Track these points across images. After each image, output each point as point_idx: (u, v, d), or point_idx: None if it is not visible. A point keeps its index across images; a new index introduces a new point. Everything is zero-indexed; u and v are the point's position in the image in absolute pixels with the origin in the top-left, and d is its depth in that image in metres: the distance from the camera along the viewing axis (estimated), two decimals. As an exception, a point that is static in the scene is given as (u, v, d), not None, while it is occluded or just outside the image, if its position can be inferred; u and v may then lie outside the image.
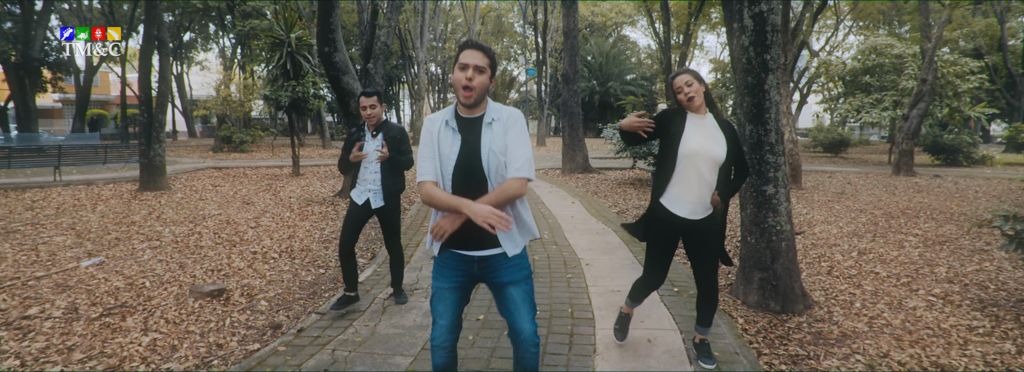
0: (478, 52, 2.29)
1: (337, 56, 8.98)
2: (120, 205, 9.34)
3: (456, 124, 2.37)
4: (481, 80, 2.28)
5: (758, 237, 4.49)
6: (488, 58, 2.31)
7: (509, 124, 2.36)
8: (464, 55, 2.30)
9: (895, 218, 8.80)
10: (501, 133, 2.34)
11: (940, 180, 14.84)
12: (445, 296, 2.45)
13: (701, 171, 3.07)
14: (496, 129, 2.35)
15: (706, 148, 3.06)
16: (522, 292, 2.44)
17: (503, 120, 2.37)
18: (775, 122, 4.31)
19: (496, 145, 2.32)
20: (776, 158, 4.36)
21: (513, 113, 2.40)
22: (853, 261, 6.03)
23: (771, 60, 4.19)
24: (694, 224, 3.15)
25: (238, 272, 5.40)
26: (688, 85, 3.09)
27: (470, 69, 2.27)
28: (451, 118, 2.38)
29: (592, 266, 5.58)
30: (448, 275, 2.44)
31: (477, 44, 2.30)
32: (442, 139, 2.36)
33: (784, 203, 4.44)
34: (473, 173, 2.31)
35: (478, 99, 2.31)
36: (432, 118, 2.44)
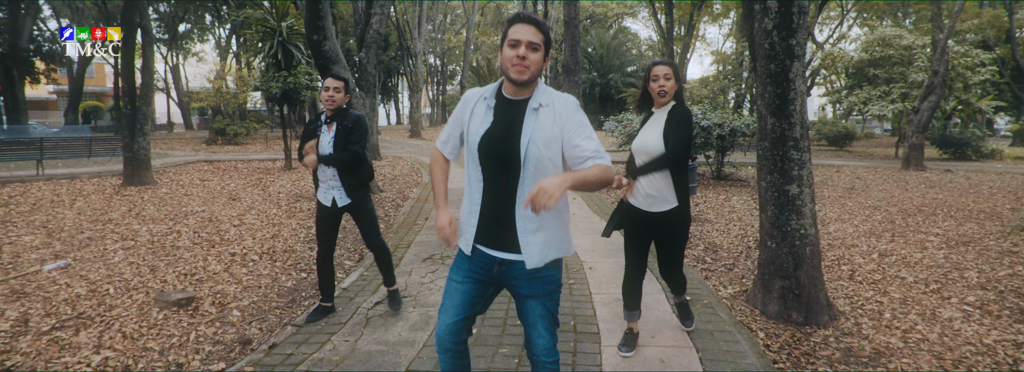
0: (531, 27, 1.99)
1: (326, 45, 8.54)
2: (100, 201, 8.92)
3: (495, 102, 2.10)
4: (536, 57, 1.98)
5: (779, 242, 4.08)
6: (543, 34, 2.01)
7: (565, 114, 2.04)
8: (515, 30, 1.98)
9: (912, 216, 8.40)
10: (549, 122, 2.03)
11: (951, 175, 14.43)
12: (455, 291, 2.18)
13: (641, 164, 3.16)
14: (544, 117, 2.03)
15: (645, 142, 3.18)
16: (543, 308, 2.17)
17: (554, 107, 2.05)
18: (800, 115, 3.89)
19: (540, 135, 2.01)
20: (801, 155, 3.94)
21: (567, 100, 2.08)
22: (875, 264, 5.62)
23: (797, 46, 3.76)
24: (657, 217, 3.22)
25: (213, 277, 4.99)
26: (666, 78, 3.16)
27: (523, 46, 1.96)
28: (491, 95, 2.11)
29: (596, 270, 5.18)
30: (465, 268, 2.18)
31: (530, 17, 2.00)
32: (474, 113, 2.12)
33: (809, 204, 4.03)
34: (506, 157, 2.03)
35: (532, 78, 2.01)
36: (470, 92, 2.18)
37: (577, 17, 14.49)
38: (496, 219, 2.08)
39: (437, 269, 5.19)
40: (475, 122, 2.10)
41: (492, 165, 2.06)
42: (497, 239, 2.10)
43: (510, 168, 2.03)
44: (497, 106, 2.10)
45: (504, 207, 2.07)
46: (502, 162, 2.04)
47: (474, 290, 2.18)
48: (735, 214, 8.38)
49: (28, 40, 21.83)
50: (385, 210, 8.53)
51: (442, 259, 5.56)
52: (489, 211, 2.09)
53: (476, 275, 2.16)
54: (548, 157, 2.03)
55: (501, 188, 2.06)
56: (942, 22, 14.77)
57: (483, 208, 2.10)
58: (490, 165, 2.06)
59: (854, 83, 21.69)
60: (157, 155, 17.38)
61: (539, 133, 2.02)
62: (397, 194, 10.01)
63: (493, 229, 2.10)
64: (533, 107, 2.05)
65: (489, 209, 2.09)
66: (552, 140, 2.02)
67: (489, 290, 2.22)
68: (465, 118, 2.15)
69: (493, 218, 2.09)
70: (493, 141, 2.04)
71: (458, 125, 2.20)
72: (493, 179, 2.07)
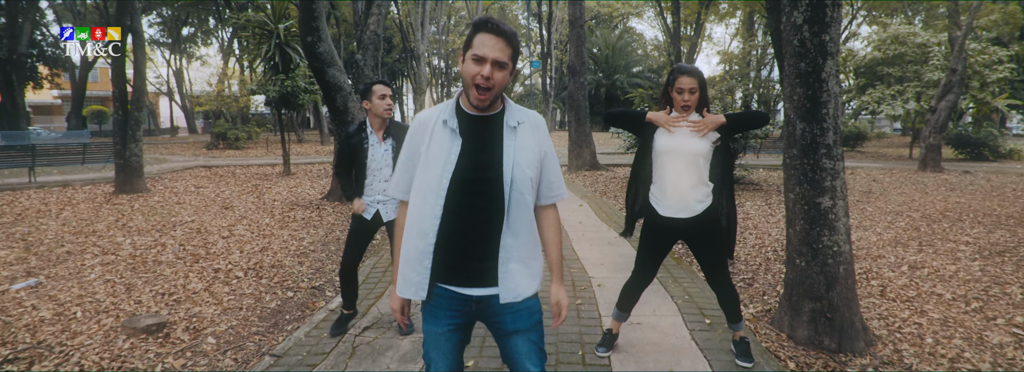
0: (499, 40, 1.74)
1: (321, 46, 8.18)
2: (89, 210, 8.59)
3: (457, 123, 1.83)
4: (501, 77, 1.77)
5: (810, 260, 3.67)
6: (511, 48, 1.77)
7: (542, 135, 1.92)
8: (480, 42, 1.74)
9: (937, 222, 7.96)
10: (530, 141, 1.87)
11: (971, 176, 13.95)
12: (439, 342, 1.92)
13: (679, 167, 2.96)
14: (523, 135, 1.86)
15: (679, 143, 2.96)
16: (529, 343, 1.94)
17: (530, 126, 1.90)
18: (833, 119, 3.49)
19: (524, 157, 1.84)
20: (834, 163, 3.54)
21: (538, 118, 1.94)
22: (907, 278, 5.20)
23: (830, 42, 3.36)
24: (688, 223, 3.01)
25: (191, 297, 4.63)
26: (691, 92, 2.95)
27: (488, 64, 1.74)
28: (451, 116, 1.85)
29: (606, 288, 4.78)
30: (441, 317, 1.90)
31: (498, 27, 1.73)
32: (433, 142, 1.83)
33: (842, 218, 3.62)
34: (483, 188, 1.80)
35: (493, 99, 1.80)
36: (423, 116, 1.91)
37: (582, 16, 14.11)
38: (469, 254, 1.83)
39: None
40: (438, 149, 1.82)
41: (467, 194, 1.80)
42: (471, 275, 1.85)
43: (490, 199, 1.80)
44: (462, 127, 1.84)
45: (481, 239, 1.82)
46: (481, 190, 1.80)
47: (456, 336, 1.94)
48: (750, 221, 7.97)
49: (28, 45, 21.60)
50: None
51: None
52: (458, 246, 1.82)
53: (455, 320, 1.91)
54: (530, 179, 1.85)
55: (475, 219, 1.81)
56: (959, 19, 14.30)
57: (446, 245, 1.82)
58: (464, 195, 1.80)
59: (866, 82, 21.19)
60: (155, 160, 17.10)
61: (523, 154, 1.84)
62: (396, 201, 9.65)
63: (464, 265, 1.84)
64: (511, 125, 1.85)
65: (457, 244, 1.82)
66: (533, 161, 1.86)
67: (470, 329, 2.01)
68: (422, 147, 1.86)
69: (465, 253, 1.83)
70: (470, 168, 1.80)
71: (416, 160, 1.89)
72: (465, 210, 1.80)
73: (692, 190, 2.98)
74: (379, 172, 3.63)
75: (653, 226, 3.12)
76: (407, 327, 2.02)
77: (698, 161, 2.97)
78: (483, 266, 1.83)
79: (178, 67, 39.51)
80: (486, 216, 1.81)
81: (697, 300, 4.44)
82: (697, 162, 2.97)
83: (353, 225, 3.76)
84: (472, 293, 1.85)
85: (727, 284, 3.23)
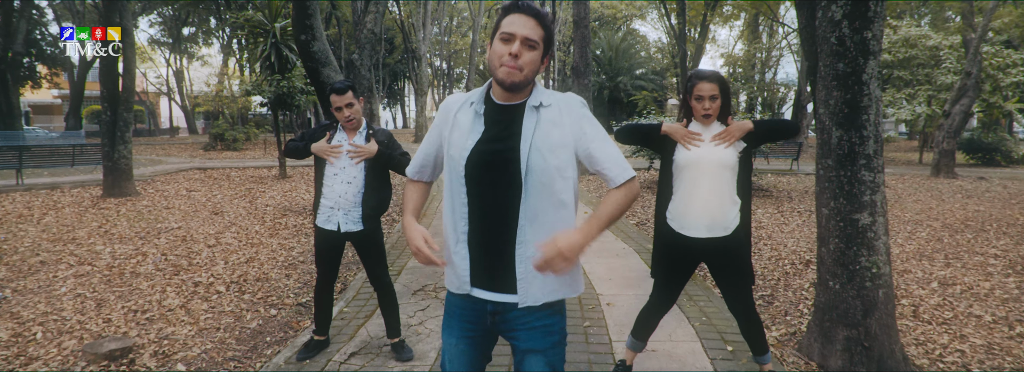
0: (530, 19, 1.60)
1: (316, 45, 7.81)
2: (73, 215, 8.24)
3: (483, 107, 1.71)
4: (532, 57, 1.61)
5: (845, 282, 3.30)
6: (543, 29, 1.62)
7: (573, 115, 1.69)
8: (509, 22, 1.60)
9: (959, 232, 7.58)
10: (553, 123, 1.66)
11: (986, 183, 13.56)
12: (454, 354, 1.79)
13: (705, 181, 2.67)
14: (546, 117, 1.66)
15: (705, 154, 2.67)
16: (545, 364, 1.73)
17: (557, 106, 1.69)
18: (874, 126, 3.12)
19: (543, 139, 1.64)
20: (874, 176, 3.17)
21: (572, 98, 1.73)
22: (939, 296, 4.83)
23: (873, 39, 3.00)
24: (711, 244, 2.71)
25: (165, 315, 4.26)
26: (712, 99, 2.67)
27: (516, 42, 1.58)
28: (479, 100, 1.72)
29: (615, 307, 4.41)
30: (455, 326, 1.79)
31: (530, 7, 1.60)
32: (458, 122, 1.72)
33: (883, 237, 3.25)
34: (500, 172, 1.64)
35: (524, 82, 1.63)
36: (450, 99, 1.80)
37: (587, 17, 13.77)
38: (488, 251, 1.67)
39: (430, 305, 4.44)
40: (460, 132, 1.70)
41: (484, 183, 1.65)
42: (490, 277, 1.69)
43: (507, 185, 1.64)
44: (487, 112, 1.70)
45: (498, 236, 1.66)
46: (497, 178, 1.64)
47: (473, 350, 1.80)
48: (764, 231, 7.60)
49: (24, 44, 21.29)
50: (379, 226, 7.80)
51: (436, 291, 4.82)
52: (479, 242, 1.68)
53: (471, 332, 1.77)
54: (555, 167, 1.64)
55: (495, 212, 1.65)
56: (974, 21, 13.93)
57: (471, 238, 1.68)
58: (481, 183, 1.65)
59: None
60: (150, 162, 16.77)
61: (542, 137, 1.64)
62: (394, 207, 9.28)
63: (484, 264, 1.69)
64: (532, 105, 1.67)
65: (479, 239, 1.68)
66: (559, 146, 1.65)
67: (489, 343, 1.84)
68: (445, 131, 1.74)
69: (484, 250, 1.68)
70: (486, 152, 1.65)
71: (435, 144, 1.82)
72: (484, 201, 1.66)
73: (720, 207, 2.69)
74: (343, 172, 3.22)
75: (673, 248, 2.81)
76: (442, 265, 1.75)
77: (724, 174, 2.68)
78: (499, 269, 1.67)
79: (179, 67, 39.24)
80: (504, 208, 1.64)
81: (716, 323, 4.07)
82: (723, 175, 2.68)
83: (317, 241, 3.38)
84: (489, 298, 1.71)
85: (751, 311, 2.93)
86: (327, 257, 3.39)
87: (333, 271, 3.46)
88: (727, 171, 2.68)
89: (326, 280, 3.44)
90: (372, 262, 3.41)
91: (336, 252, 3.39)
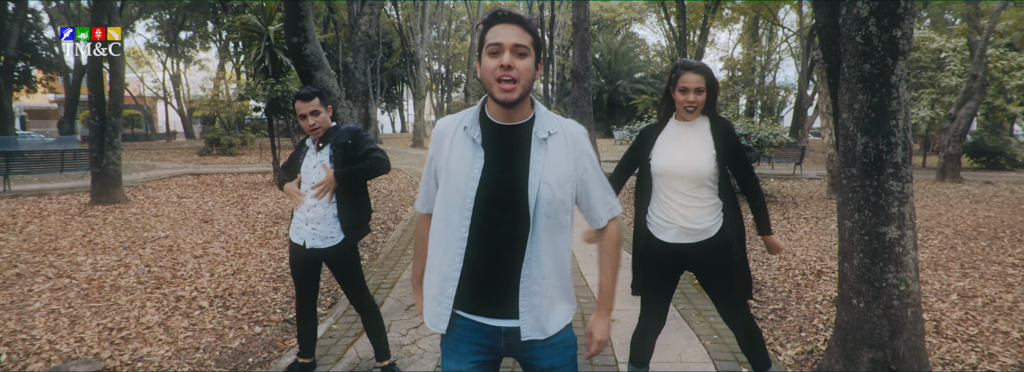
0: (515, 26, 1.52)
1: (308, 48, 7.58)
2: (58, 224, 7.99)
3: (479, 132, 1.61)
4: (526, 65, 1.52)
5: (870, 300, 3.05)
6: (530, 35, 1.53)
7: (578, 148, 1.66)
8: (493, 33, 1.52)
9: (973, 240, 7.34)
10: (561, 156, 1.62)
11: (993, 187, 13.34)
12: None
13: (679, 191, 2.55)
14: (555, 149, 1.61)
15: (680, 163, 2.54)
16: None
17: (564, 136, 1.64)
18: (903, 132, 2.88)
19: (552, 173, 1.59)
20: (903, 186, 2.93)
21: (577, 129, 1.69)
22: (960, 310, 4.58)
23: (903, 38, 2.76)
24: (693, 250, 2.58)
25: (143, 333, 4.01)
26: (697, 92, 2.52)
27: (506, 52, 1.50)
28: (473, 123, 1.62)
29: (621, 323, 4.16)
30: (465, 352, 1.67)
31: (511, 15, 1.53)
32: (453, 153, 1.62)
33: (911, 252, 3.01)
34: (508, 203, 1.57)
35: (524, 94, 1.55)
36: (442, 124, 1.71)
37: (587, 19, 13.56)
38: (493, 281, 1.60)
39: (424, 323, 4.19)
40: (458, 161, 1.60)
41: (490, 216, 1.57)
42: (496, 304, 1.61)
43: (513, 217, 1.57)
44: (486, 137, 1.60)
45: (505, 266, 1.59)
46: (502, 210, 1.57)
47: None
48: (771, 238, 7.34)
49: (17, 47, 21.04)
50: (373, 235, 7.55)
51: (430, 306, 4.56)
52: (482, 272, 1.59)
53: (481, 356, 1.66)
54: (561, 200, 1.60)
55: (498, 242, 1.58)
56: (979, 23, 13.73)
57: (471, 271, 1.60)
58: (487, 216, 1.57)
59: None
60: (143, 167, 16.52)
61: (552, 171, 1.59)
62: (389, 214, 9.03)
63: (489, 293, 1.61)
64: (541, 137, 1.59)
65: (482, 269, 1.59)
66: (566, 179, 1.61)
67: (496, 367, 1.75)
68: (441, 159, 1.65)
69: (488, 280, 1.60)
70: (491, 183, 1.57)
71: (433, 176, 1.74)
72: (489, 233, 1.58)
73: (697, 210, 2.58)
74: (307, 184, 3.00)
75: (652, 254, 2.70)
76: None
77: (701, 180, 2.58)
78: (508, 297, 1.60)
79: (176, 71, 38.99)
80: (509, 240, 1.58)
81: (728, 340, 3.82)
82: (700, 181, 2.58)
83: (291, 257, 3.14)
84: (499, 325, 1.63)
85: (748, 323, 2.76)
86: (300, 274, 3.14)
87: (310, 290, 3.20)
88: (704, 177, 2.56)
89: (303, 299, 3.19)
90: (346, 282, 3.15)
91: (309, 269, 3.14)
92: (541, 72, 1.61)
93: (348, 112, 8.25)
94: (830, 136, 11.42)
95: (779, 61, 40.32)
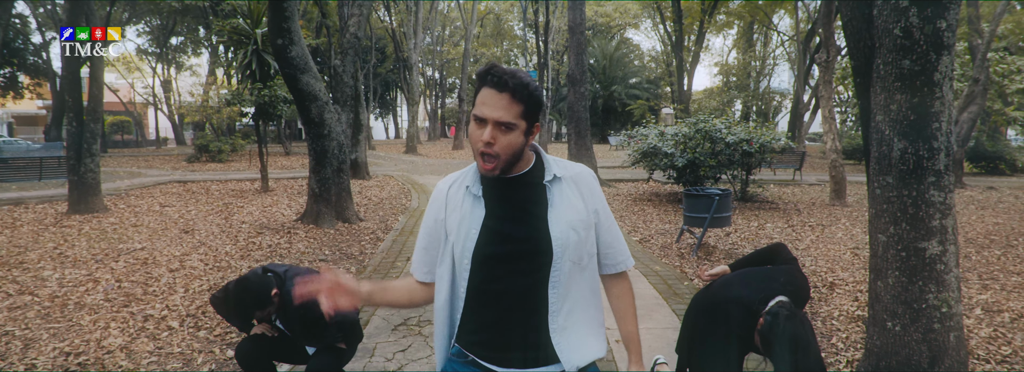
0: (503, 96, 1.37)
1: (293, 50, 7.26)
2: (30, 234, 7.60)
3: (480, 189, 1.50)
4: (509, 140, 1.40)
5: (908, 323, 2.74)
6: (520, 104, 1.38)
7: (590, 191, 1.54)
8: (481, 101, 1.39)
9: (986, 248, 7.06)
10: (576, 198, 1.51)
11: (997, 193, 13.11)
12: None
13: None
14: (568, 191, 1.51)
15: None
16: None
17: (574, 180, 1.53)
18: (945, 136, 2.58)
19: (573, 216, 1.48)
20: (945, 196, 2.62)
21: (583, 171, 1.57)
22: (988, 326, 4.27)
23: (948, 30, 2.46)
24: None
25: (102, 359, 3.65)
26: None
27: (488, 128, 1.38)
28: (473, 181, 1.53)
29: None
30: None
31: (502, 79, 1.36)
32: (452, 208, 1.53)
33: (954, 269, 2.70)
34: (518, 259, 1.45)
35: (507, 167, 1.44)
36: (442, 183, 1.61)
37: (583, 23, 13.28)
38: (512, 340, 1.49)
39: (412, 345, 3.84)
40: (459, 219, 1.52)
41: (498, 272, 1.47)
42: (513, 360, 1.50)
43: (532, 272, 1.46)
44: (487, 191, 1.52)
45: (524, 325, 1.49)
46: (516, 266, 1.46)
47: None
48: (778, 248, 7.03)
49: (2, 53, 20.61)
50: (362, 245, 7.19)
51: (420, 326, 4.22)
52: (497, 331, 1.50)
53: None
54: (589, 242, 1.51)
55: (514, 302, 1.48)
56: (980, 27, 13.54)
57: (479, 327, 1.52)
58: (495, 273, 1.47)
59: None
60: (129, 174, 16.10)
61: (572, 214, 1.48)
62: (379, 224, 8.68)
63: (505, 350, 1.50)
64: (548, 180, 1.51)
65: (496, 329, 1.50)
66: (586, 223, 1.51)
67: None
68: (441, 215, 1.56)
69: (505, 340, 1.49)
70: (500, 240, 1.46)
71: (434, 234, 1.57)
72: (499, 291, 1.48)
73: None
74: None
75: None
76: None
77: None
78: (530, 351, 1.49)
79: (166, 77, 38.51)
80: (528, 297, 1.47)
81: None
82: None
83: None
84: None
85: None
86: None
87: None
88: None
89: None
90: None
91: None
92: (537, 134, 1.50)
93: (336, 117, 7.92)
94: (833, 141, 11.16)
95: (774, 66, 40.23)
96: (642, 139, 11.22)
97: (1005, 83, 15.66)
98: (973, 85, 13.09)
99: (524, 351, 1.50)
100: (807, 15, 25.63)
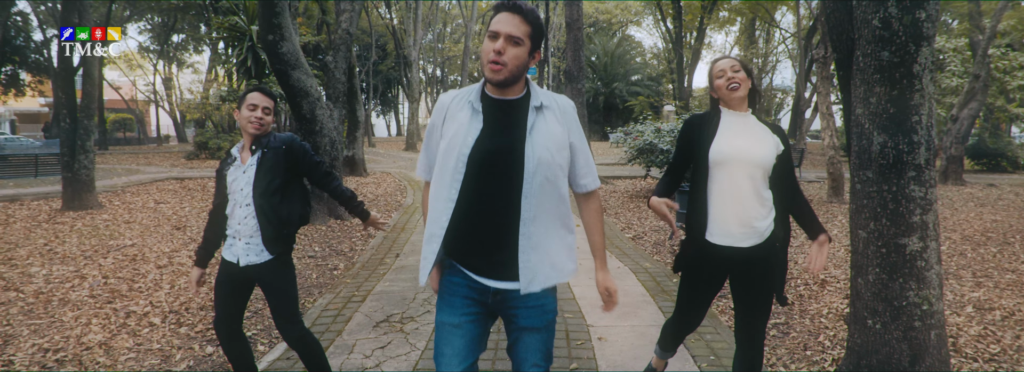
0: (515, 16, 1.68)
1: (284, 46, 7.22)
2: (22, 231, 7.59)
3: (481, 105, 1.76)
4: (516, 53, 1.68)
5: (888, 321, 2.69)
6: (528, 25, 1.69)
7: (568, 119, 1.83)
8: (496, 21, 1.69)
9: (982, 245, 6.99)
10: (556, 125, 1.79)
11: (997, 190, 13.02)
12: (452, 336, 1.80)
13: (741, 182, 2.28)
14: (549, 118, 1.79)
15: (744, 150, 2.29)
16: (540, 341, 1.87)
17: (557, 109, 1.82)
18: (926, 130, 2.52)
19: (550, 139, 1.75)
20: (925, 191, 2.57)
21: (566, 102, 1.86)
22: (978, 324, 4.22)
23: (927, 21, 2.41)
24: (742, 254, 2.33)
25: (80, 356, 3.63)
26: (734, 70, 2.34)
27: (500, 39, 1.67)
28: (475, 97, 1.78)
29: (608, 343, 3.78)
30: (457, 305, 1.82)
31: (514, 6, 1.68)
32: (452, 119, 1.78)
33: (935, 266, 2.65)
34: (506, 167, 1.72)
35: (510, 78, 1.71)
36: (445, 96, 1.85)
37: (580, 19, 13.21)
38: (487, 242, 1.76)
39: (392, 341, 3.81)
40: (457, 128, 1.75)
41: (484, 178, 1.73)
42: (490, 265, 1.77)
43: (509, 181, 1.72)
44: (485, 107, 1.77)
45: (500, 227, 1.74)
46: (499, 174, 1.72)
47: (475, 329, 1.83)
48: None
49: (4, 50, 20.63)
50: (352, 242, 7.17)
51: (403, 322, 4.19)
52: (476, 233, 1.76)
53: (473, 308, 1.82)
54: (558, 165, 1.78)
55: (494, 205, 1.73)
56: (982, 23, 13.44)
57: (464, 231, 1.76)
58: (481, 178, 1.72)
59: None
60: (127, 171, 16.11)
61: (548, 137, 1.75)
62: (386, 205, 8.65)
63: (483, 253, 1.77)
64: (535, 106, 1.78)
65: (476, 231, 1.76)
66: (561, 145, 1.78)
67: (489, 324, 1.90)
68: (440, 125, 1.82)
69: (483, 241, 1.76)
70: (489, 150, 1.72)
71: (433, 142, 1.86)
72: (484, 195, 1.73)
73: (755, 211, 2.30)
74: (238, 194, 2.61)
75: (701, 258, 2.41)
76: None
77: (758, 174, 2.29)
78: (502, 256, 1.75)
79: (168, 75, 38.56)
80: (505, 202, 1.73)
81: (726, 363, 3.45)
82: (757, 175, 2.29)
83: (219, 272, 2.74)
84: (490, 284, 1.79)
85: (759, 340, 2.49)
86: (228, 291, 2.73)
87: (234, 313, 2.77)
88: (760, 171, 2.29)
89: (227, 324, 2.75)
90: (278, 306, 2.70)
91: (242, 288, 2.74)
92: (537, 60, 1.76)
93: (328, 113, 7.88)
94: (830, 138, 11.09)
95: (776, 63, 40.09)
96: (639, 135, 11.16)
97: (1007, 79, 15.57)
98: (974, 81, 13.00)
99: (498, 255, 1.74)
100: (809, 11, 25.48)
